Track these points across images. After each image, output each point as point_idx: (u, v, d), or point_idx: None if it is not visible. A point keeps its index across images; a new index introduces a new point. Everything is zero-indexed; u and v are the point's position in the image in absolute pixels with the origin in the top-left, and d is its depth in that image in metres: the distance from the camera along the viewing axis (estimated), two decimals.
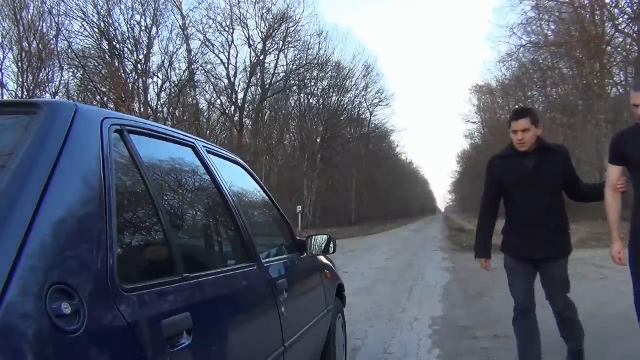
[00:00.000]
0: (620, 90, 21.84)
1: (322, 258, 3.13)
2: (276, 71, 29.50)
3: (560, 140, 22.23)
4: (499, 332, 4.31)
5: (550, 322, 3.24)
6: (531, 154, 3.04)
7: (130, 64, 23.63)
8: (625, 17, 19.30)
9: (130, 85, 22.93)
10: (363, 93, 35.10)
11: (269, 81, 29.28)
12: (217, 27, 26.99)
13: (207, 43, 26.35)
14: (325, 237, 2.81)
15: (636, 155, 2.73)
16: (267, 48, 28.53)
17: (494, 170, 3.18)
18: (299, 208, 24.56)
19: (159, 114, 23.90)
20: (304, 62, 30.07)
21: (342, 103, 34.44)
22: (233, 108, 28.09)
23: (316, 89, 32.32)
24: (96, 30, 22.39)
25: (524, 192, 3.03)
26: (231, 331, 1.64)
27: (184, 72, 25.07)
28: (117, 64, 22.92)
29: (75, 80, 22.63)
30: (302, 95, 32.56)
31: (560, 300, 3.10)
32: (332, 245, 2.80)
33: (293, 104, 33.01)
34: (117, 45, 22.95)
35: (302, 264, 2.73)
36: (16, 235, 0.95)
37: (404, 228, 32.52)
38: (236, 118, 27.88)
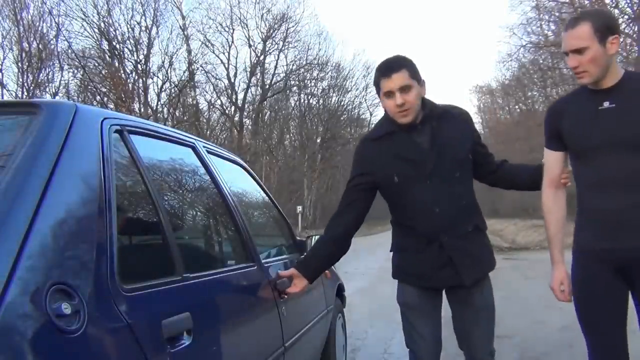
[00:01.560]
0: None
1: None
2: (276, 71, 29.53)
3: None
4: (499, 332, 4.27)
5: None
6: (420, 126, 2.01)
7: (130, 64, 23.65)
8: (625, 17, 19.30)
9: (130, 85, 22.93)
10: (363, 93, 35.08)
11: (269, 81, 29.30)
12: (217, 28, 27.04)
13: (207, 43, 26.38)
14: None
15: (577, 133, 1.84)
16: (267, 48, 28.56)
17: (366, 162, 2.08)
18: (299, 208, 24.57)
19: (159, 114, 23.90)
20: (304, 62, 30.10)
21: (342, 103, 34.45)
22: (233, 108, 28.10)
23: (316, 89, 32.35)
24: (96, 30, 22.41)
25: (421, 186, 1.98)
26: (231, 331, 1.64)
27: (184, 72, 25.09)
28: (117, 64, 22.92)
29: (75, 80, 22.64)
30: (302, 95, 32.59)
31: (483, 342, 2.12)
32: None
33: (293, 104, 33.04)
34: (117, 46, 22.96)
35: None
36: (16, 235, 0.95)
37: None
38: (236, 118, 27.89)
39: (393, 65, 1.97)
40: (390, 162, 2.01)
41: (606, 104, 1.79)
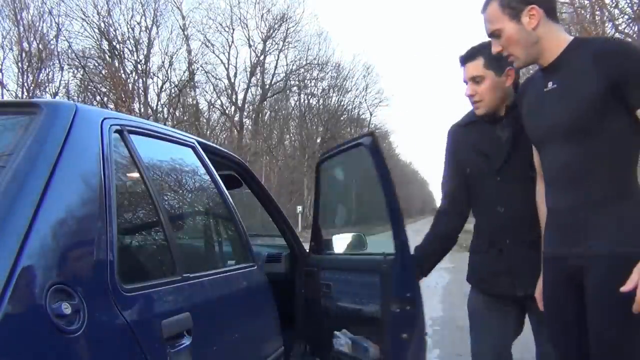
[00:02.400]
0: None
1: None
2: (276, 71, 29.49)
3: None
4: None
5: None
6: (505, 119, 1.87)
7: (130, 64, 23.64)
8: (625, 17, 19.29)
9: (130, 85, 22.93)
10: (363, 93, 35.06)
11: (269, 81, 29.27)
12: (217, 28, 26.98)
13: (207, 43, 26.34)
14: (354, 235, 2.69)
15: (528, 123, 1.65)
16: (267, 48, 28.53)
17: (455, 146, 2.02)
18: (299, 208, 24.56)
19: (159, 114, 23.89)
20: (304, 62, 30.07)
21: (342, 103, 34.41)
22: (233, 108, 28.07)
23: (316, 89, 32.30)
24: (96, 30, 22.39)
25: (489, 182, 1.89)
26: (231, 331, 1.65)
27: (184, 72, 25.08)
28: (117, 64, 22.91)
29: (75, 80, 22.61)
30: (302, 95, 32.55)
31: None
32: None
33: (293, 104, 33.00)
34: (117, 46, 22.95)
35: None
36: (16, 235, 0.95)
37: None
38: (236, 118, 27.87)
39: (468, 54, 1.89)
40: (466, 152, 1.95)
41: (550, 85, 1.54)
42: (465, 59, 1.87)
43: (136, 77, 23.65)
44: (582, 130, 1.45)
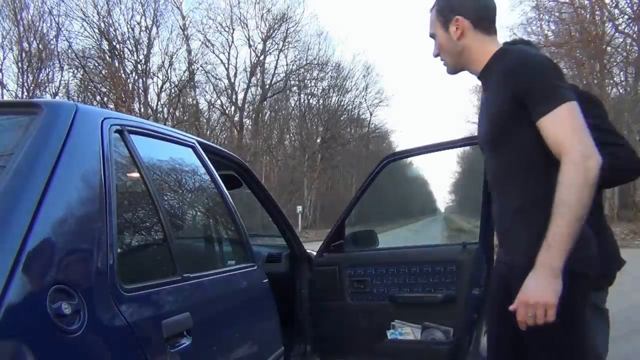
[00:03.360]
0: (620, 91, 21.84)
1: None
2: (276, 71, 29.51)
3: None
4: None
5: None
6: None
7: (130, 64, 23.66)
8: (625, 17, 19.32)
9: (130, 85, 22.93)
10: (363, 93, 35.05)
11: (269, 81, 29.29)
12: (217, 28, 27.02)
13: (207, 43, 26.37)
14: (367, 231, 2.95)
15: (478, 125, 1.61)
16: (267, 48, 28.55)
17: None
18: (299, 208, 24.56)
19: (159, 114, 23.90)
20: (304, 62, 30.08)
21: (342, 103, 34.42)
22: (233, 108, 28.09)
23: (316, 89, 32.31)
24: (96, 30, 22.41)
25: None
26: (231, 331, 1.64)
27: (184, 72, 25.09)
28: (117, 64, 22.92)
29: (75, 80, 22.63)
30: (302, 95, 32.55)
31: None
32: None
33: (293, 104, 33.01)
34: (117, 46, 22.96)
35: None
36: (16, 235, 0.95)
37: (404, 228, 32.46)
38: (236, 118, 27.88)
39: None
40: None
41: (483, 95, 1.55)
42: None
43: (136, 77, 23.68)
44: (496, 141, 1.47)
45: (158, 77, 24.49)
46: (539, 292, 1.27)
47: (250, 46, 28.20)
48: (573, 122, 1.30)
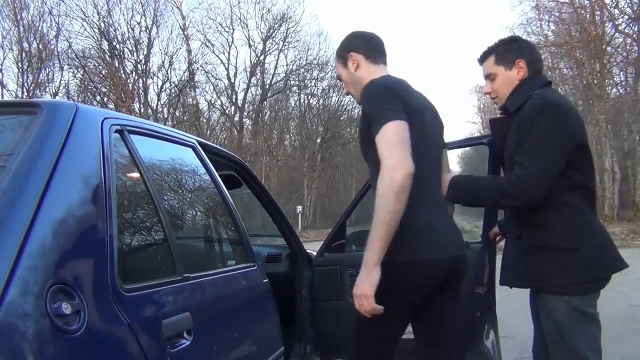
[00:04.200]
0: (620, 90, 21.85)
1: None
2: (276, 71, 29.49)
3: None
4: (500, 332, 4.29)
5: None
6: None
7: (130, 64, 23.65)
8: (625, 17, 19.30)
9: (130, 85, 22.94)
10: None
11: (269, 81, 29.28)
12: (217, 28, 27.02)
13: (207, 43, 26.36)
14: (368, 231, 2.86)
15: None
16: (267, 48, 28.54)
17: None
18: (299, 208, 24.57)
19: (159, 114, 23.90)
20: (304, 62, 30.08)
21: (342, 103, 34.38)
22: (233, 108, 28.09)
23: (316, 89, 32.30)
24: (96, 30, 22.40)
25: None
26: (231, 331, 1.64)
27: (184, 72, 25.09)
28: (117, 64, 22.92)
29: (75, 80, 22.63)
30: (302, 95, 32.54)
31: None
32: None
33: (293, 104, 33.00)
34: (117, 46, 22.96)
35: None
36: (16, 235, 0.95)
37: None
38: (236, 118, 27.88)
39: (482, 55, 1.99)
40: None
41: None
42: (481, 60, 2.01)
43: (136, 77, 23.67)
44: (364, 153, 1.71)
45: (158, 77, 24.51)
46: (359, 284, 1.52)
47: (250, 46, 28.21)
48: (390, 138, 1.51)
